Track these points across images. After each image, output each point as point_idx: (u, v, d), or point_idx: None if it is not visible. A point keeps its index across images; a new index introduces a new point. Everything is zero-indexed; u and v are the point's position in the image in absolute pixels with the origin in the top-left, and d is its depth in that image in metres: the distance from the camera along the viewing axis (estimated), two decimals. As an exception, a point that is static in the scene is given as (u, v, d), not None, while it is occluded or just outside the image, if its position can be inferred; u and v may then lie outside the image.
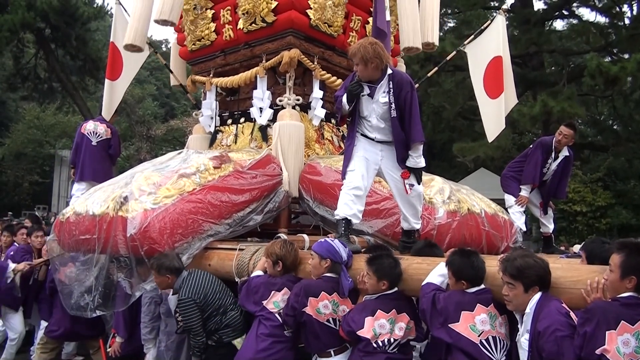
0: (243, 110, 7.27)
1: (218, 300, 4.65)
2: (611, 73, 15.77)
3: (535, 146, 7.23)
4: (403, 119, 4.49)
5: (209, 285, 4.68)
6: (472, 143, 19.73)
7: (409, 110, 4.48)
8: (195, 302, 4.51)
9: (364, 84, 4.54)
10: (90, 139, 8.20)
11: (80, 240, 5.34)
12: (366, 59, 4.40)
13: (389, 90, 4.49)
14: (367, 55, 4.39)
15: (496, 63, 7.64)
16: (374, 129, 4.60)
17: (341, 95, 4.64)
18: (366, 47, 4.41)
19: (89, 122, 8.45)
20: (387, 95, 4.49)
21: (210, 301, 4.60)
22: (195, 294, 4.53)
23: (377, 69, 4.47)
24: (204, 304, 4.55)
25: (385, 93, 4.50)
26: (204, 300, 4.56)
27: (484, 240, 5.50)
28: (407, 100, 4.47)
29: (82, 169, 8.13)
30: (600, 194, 17.82)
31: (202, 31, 7.33)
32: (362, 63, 4.44)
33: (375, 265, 3.86)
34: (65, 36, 24.75)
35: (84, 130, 8.27)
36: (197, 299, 4.52)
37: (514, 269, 3.18)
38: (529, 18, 20.14)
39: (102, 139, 8.30)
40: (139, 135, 29.70)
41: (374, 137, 4.61)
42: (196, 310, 4.50)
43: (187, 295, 4.52)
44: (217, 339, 4.61)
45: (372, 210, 5.30)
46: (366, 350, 3.72)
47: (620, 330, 2.77)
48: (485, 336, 3.33)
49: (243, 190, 5.56)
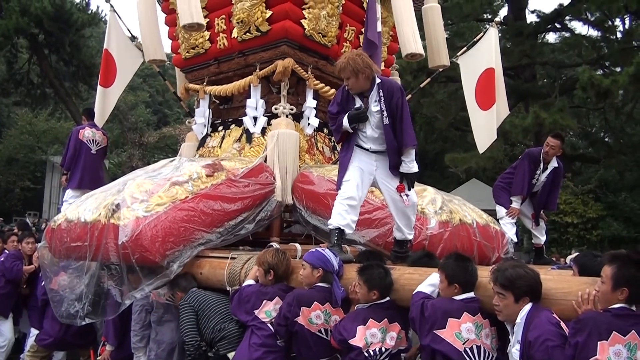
0: (235, 118, 7.27)
1: (216, 315, 4.70)
2: (603, 86, 15.85)
3: (522, 157, 7.28)
4: (395, 126, 4.50)
5: (210, 297, 4.81)
6: (464, 154, 19.81)
7: (400, 116, 4.49)
8: (191, 306, 4.69)
9: (355, 97, 4.57)
10: (90, 147, 8.17)
11: (72, 248, 5.31)
12: (357, 71, 4.41)
13: (380, 98, 4.50)
14: (357, 67, 4.41)
15: (488, 75, 7.69)
16: (369, 139, 4.60)
17: (334, 111, 4.65)
18: (355, 59, 4.43)
19: (85, 129, 8.34)
20: (379, 104, 4.50)
21: (207, 313, 4.69)
22: (193, 301, 4.74)
23: (367, 79, 4.49)
24: (200, 310, 4.68)
25: (377, 102, 4.51)
26: (200, 308, 4.69)
27: (475, 250, 5.51)
28: (398, 106, 4.48)
29: (81, 177, 8.08)
30: (592, 205, 17.88)
31: (196, 39, 7.34)
32: (354, 75, 4.45)
33: (365, 275, 3.86)
34: (59, 42, 24.66)
35: (82, 137, 8.18)
36: (194, 304, 4.70)
37: (504, 279, 3.19)
38: (521, 30, 20.25)
39: (101, 147, 8.34)
40: (131, 142, 29.59)
41: (368, 147, 4.62)
42: (190, 312, 4.66)
43: (186, 300, 4.75)
44: (215, 351, 4.62)
45: (365, 219, 5.30)
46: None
47: (612, 341, 2.78)
48: (470, 345, 3.33)
49: (235, 199, 5.54)
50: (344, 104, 4.64)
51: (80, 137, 8.23)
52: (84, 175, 8.10)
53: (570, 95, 21.14)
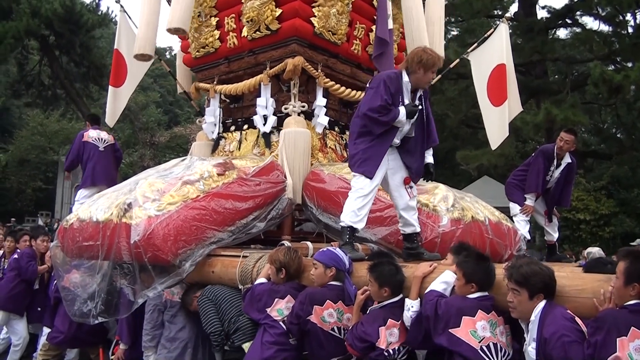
0: (246, 117, 7.27)
1: (232, 307, 4.75)
2: (614, 81, 15.77)
3: (536, 154, 7.23)
4: (427, 125, 4.66)
5: (226, 292, 4.90)
6: (476, 151, 19.73)
7: (429, 115, 4.66)
8: (210, 300, 4.82)
9: (404, 91, 4.56)
10: (97, 145, 8.32)
11: (84, 247, 5.34)
12: (432, 66, 4.48)
13: (423, 97, 4.61)
14: (439, 62, 4.50)
15: (499, 71, 7.65)
16: (400, 134, 4.60)
17: (389, 101, 4.44)
18: (437, 55, 4.48)
19: (89, 130, 8.52)
20: (421, 102, 4.58)
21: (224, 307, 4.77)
22: (211, 295, 4.87)
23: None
24: (218, 303, 4.79)
25: (420, 100, 4.59)
26: (218, 301, 4.80)
27: (487, 248, 5.47)
28: (429, 106, 4.66)
29: (93, 174, 8.21)
30: (604, 202, 17.81)
31: (206, 38, 7.35)
32: (428, 70, 4.49)
33: (375, 273, 3.86)
34: (70, 43, 24.82)
35: (87, 138, 8.34)
36: (212, 298, 4.83)
37: (519, 275, 3.19)
38: (532, 26, 20.14)
39: (108, 144, 8.50)
40: (142, 142, 29.71)
41: (396, 143, 4.63)
42: (211, 305, 4.80)
43: (204, 295, 4.90)
44: (231, 343, 4.68)
45: (376, 217, 5.29)
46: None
47: (632, 337, 2.77)
48: (486, 342, 3.31)
49: (247, 198, 5.55)
50: (394, 97, 4.50)
51: (85, 138, 8.38)
52: (95, 172, 8.21)
53: (581, 91, 21.04)
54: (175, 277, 4.91)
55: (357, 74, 7.38)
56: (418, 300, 3.70)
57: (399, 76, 4.54)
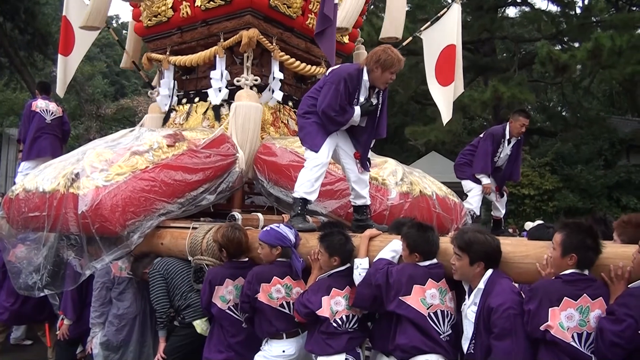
0: (198, 89, 7.18)
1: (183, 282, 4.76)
2: (561, 61, 16.12)
3: (485, 137, 7.35)
4: (379, 117, 4.74)
5: (178, 265, 4.86)
6: (424, 127, 19.97)
7: (383, 108, 4.72)
8: (161, 274, 4.78)
9: (361, 89, 4.59)
10: (43, 117, 8.08)
11: (30, 218, 5.25)
12: (390, 66, 4.49)
13: (379, 91, 4.64)
14: (399, 64, 4.52)
15: (449, 51, 7.73)
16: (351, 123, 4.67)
17: (344, 104, 4.51)
18: (398, 57, 4.48)
19: (38, 100, 8.29)
20: (377, 97, 4.65)
21: (176, 281, 4.76)
22: (162, 269, 4.82)
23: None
24: (169, 278, 4.76)
25: (375, 95, 4.64)
26: (170, 276, 4.77)
27: (434, 221, 5.59)
28: (384, 99, 4.70)
29: (38, 147, 8.01)
30: (548, 178, 18.23)
31: (159, 7, 7.18)
32: (389, 71, 4.51)
33: (326, 242, 3.93)
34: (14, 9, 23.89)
35: (35, 108, 8.12)
36: (163, 272, 4.79)
37: (462, 241, 3.34)
38: (482, 4, 20.36)
39: (56, 116, 8.24)
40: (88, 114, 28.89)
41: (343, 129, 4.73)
42: (161, 281, 4.76)
43: (155, 269, 4.82)
44: (181, 319, 4.68)
45: (327, 191, 5.34)
46: (328, 332, 3.78)
47: (564, 306, 2.92)
48: (434, 310, 3.46)
49: (196, 170, 5.49)
50: (351, 96, 4.55)
51: (33, 108, 8.16)
52: (39, 145, 8.00)
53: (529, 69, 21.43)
54: (123, 248, 4.87)
55: (312, 49, 7.33)
56: (367, 259, 3.82)
57: (360, 73, 4.56)
